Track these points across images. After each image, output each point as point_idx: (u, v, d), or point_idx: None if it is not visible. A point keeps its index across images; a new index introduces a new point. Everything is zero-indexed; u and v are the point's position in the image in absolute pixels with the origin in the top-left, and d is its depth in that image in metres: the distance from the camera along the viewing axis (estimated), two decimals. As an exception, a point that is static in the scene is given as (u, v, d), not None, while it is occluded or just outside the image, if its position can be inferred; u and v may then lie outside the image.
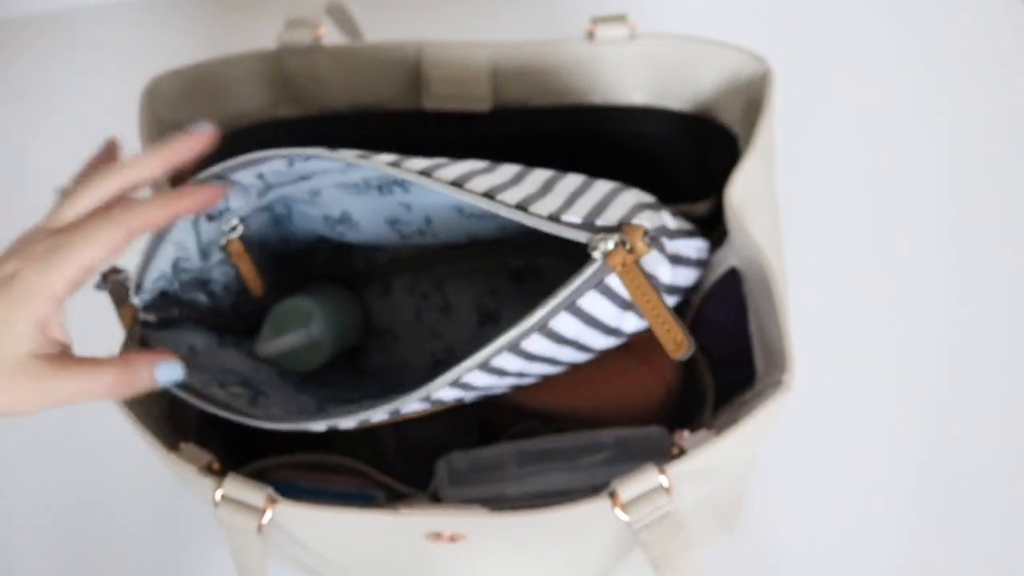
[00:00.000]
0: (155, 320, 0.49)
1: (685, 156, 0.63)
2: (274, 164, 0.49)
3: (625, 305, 0.47)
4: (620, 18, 0.57)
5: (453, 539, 0.49)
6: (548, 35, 0.59)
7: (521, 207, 0.46)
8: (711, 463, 0.47)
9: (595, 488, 0.47)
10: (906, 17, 0.90)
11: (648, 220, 0.46)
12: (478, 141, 0.63)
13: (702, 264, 0.55)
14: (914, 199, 0.81)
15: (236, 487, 0.47)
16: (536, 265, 0.64)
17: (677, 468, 0.46)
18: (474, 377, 0.47)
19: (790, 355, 0.47)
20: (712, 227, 0.59)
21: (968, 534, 0.68)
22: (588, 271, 0.45)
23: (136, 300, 0.49)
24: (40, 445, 0.78)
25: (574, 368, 0.59)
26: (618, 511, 0.45)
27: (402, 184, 0.52)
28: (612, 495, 0.45)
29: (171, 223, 0.47)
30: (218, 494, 0.47)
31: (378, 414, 0.47)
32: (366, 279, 0.65)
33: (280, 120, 0.63)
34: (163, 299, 0.50)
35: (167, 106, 0.59)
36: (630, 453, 0.52)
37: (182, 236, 0.51)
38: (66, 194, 0.46)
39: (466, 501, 0.52)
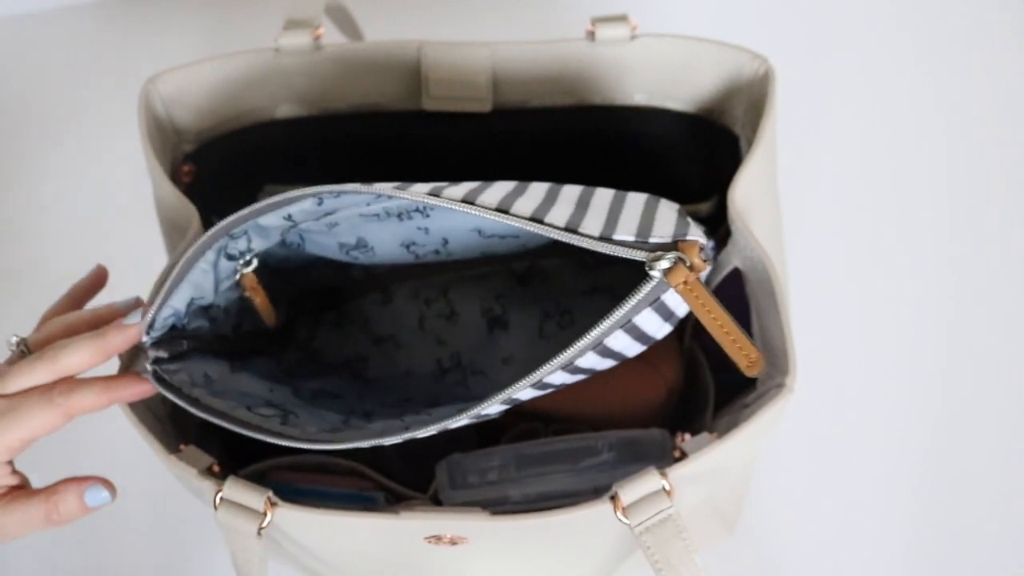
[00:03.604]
0: (167, 356, 0.49)
1: (686, 156, 0.62)
2: (303, 204, 0.48)
3: (668, 316, 0.47)
4: (621, 18, 0.57)
5: (453, 542, 0.49)
6: (548, 35, 0.59)
7: (571, 229, 0.45)
8: (712, 466, 0.47)
9: (596, 491, 0.47)
10: (907, 17, 0.90)
11: (698, 235, 0.46)
12: (478, 141, 0.63)
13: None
14: (916, 200, 0.81)
15: (236, 490, 0.47)
16: (540, 267, 0.64)
17: (678, 471, 0.46)
18: (523, 394, 0.47)
19: (792, 357, 0.47)
20: (714, 228, 0.59)
21: (968, 534, 0.68)
22: (646, 289, 0.44)
23: (146, 338, 0.48)
24: (39, 445, 0.77)
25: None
26: (619, 514, 0.45)
27: (423, 210, 0.51)
28: (613, 498, 0.45)
29: (107, 407, 0.49)
30: (218, 497, 0.47)
31: (459, 420, 0.47)
32: (364, 288, 0.64)
33: (279, 120, 0.63)
34: (171, 333, 0.50)
35: (165, 105, 0.59)
36: (631, 456, 0.52)
37: (201, 278, 0.50)
38: (18, 348, 0.50)
39: (467, 504, 0.52)
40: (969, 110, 0.85)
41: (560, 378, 0.47)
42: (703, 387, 0.61)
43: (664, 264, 0.43)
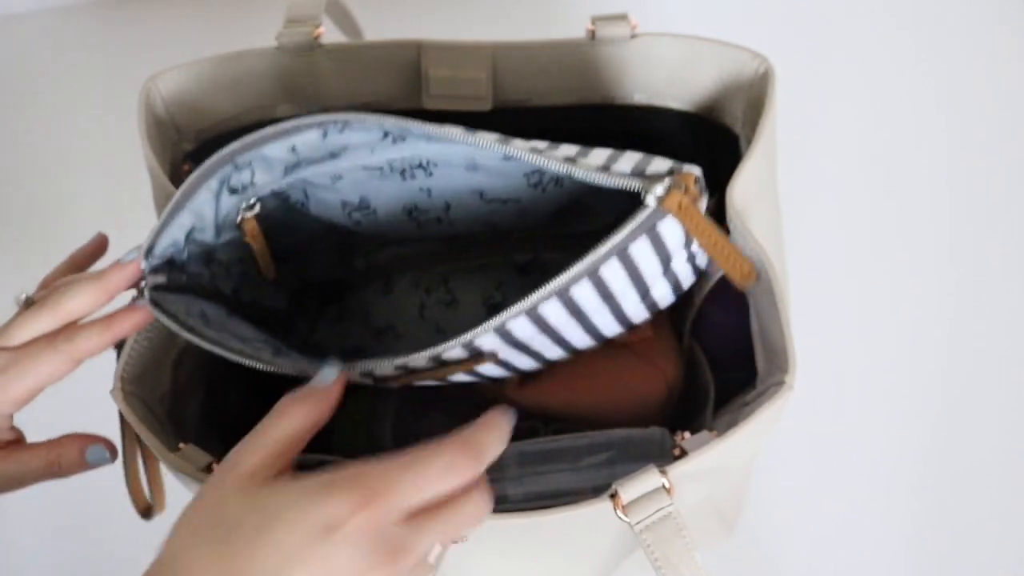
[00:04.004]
0: (165, 283, 0.49)
1: (686, 156, 0.62)
2: (308, 135, 0.48)
3: (666, 262, 0.47)
4: (621, 17, 0.57)
5: (453, 540, 0.49)
6: (548, 35, 0.59)
7: (570, 160, 0.46)
8: (712, 464, 0.47)
9: (596, 489, 0.47)
10: (907, 17, 0.90)
11: (693, 168, 0.47)
12: (478, 140, 0.63)
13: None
14: (916, 199, 0.81)
15: (236, 488, 0.47)
16: (541, 260, 0.64)
17: (678, 469, 0.46)
18: (518, 325, 0.47)
19: (791, 355, 0.47)
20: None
21: (967, 534, 0.68)
22: (641, 216, 0.45)
23: (144, 264, 0.48)
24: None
25: (575, 365, 0.59)
26: (619, 512, 0.45)
27: (425, 167, 0.51)
28: (613, 496, 0.45)
29: (112, 344, 0.49)
30: (217, 495, 0.47)
31: (418, 360, 0.48)
32: (366, 278, 0.64)
33: (279, 119, 0.63)
34: (170, 266, 0.50)
35: (166, 104, 0.59)
36: (631, 454, 0.52)
37: (202, 205, 0.50)
38: (25, 304, 0.49)
39: (466, 502, 0.52)
40: (969, 109, 0.85)
41: (558, 316, 0.48)
42: (703, 386, 0.61)
43: (659, 190, 0.44)
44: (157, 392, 0.53)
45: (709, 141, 0.60)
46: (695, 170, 0.46)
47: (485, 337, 0.48)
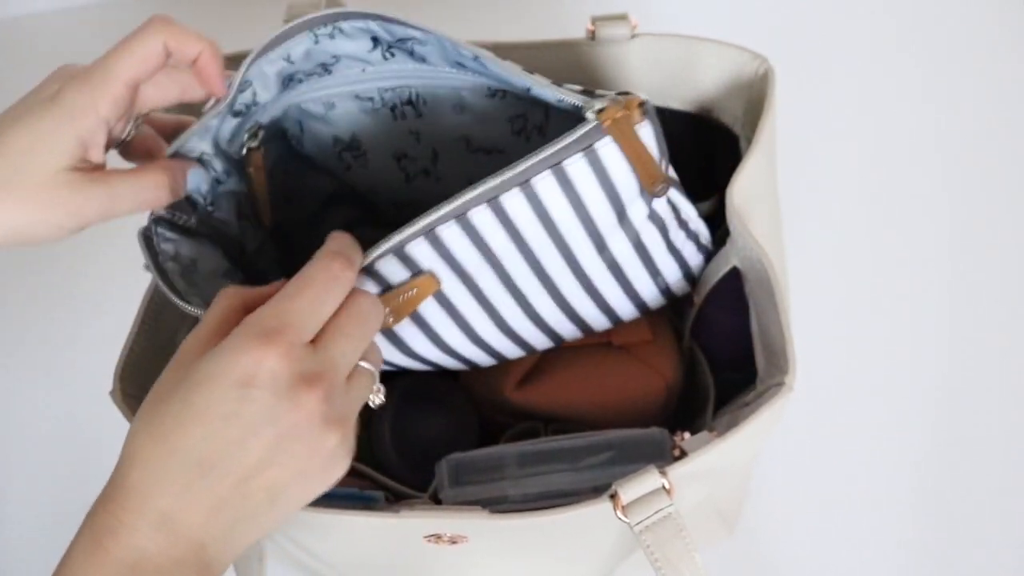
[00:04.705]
0: (169, 217, 0.50)
1: (686, 156, 0.62)
2: (300, 42, 0.49)
3: (618, 206, 0.47)
4: (621, 17, 0.57)
5: (453, 541, 0.49)
6: (548, 35, 0.59)
7: (528, 72, 0.46)
8: (712, 464, 0.47)
9: (596, 490, 0.47)
10: (907, 17, 0.90)
11: (643, 96, 0.47)
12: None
13: (706, 251, 0.55)
14: (916, 199, 0.81)
15: (235, 489, 0.47)
16: None
17: (678, 470, 0.46)
18: (451, 235, 0.46)
19: (791, 356, 0.47)
20: (714, 228, 0.59)
21: (968, 534, 0.68)
22: (579, 131, 0.45)
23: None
24: (39, 445, 0.77)
25: (575, 366, 0.59)
26: (619, 513, 0.45)
27: (415, 103, 0.52)
28: (613, 497, 0.45)
29: (194, 61, 0.48)
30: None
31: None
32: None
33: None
34: (186, 203, 0.51)
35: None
36: (631, 454, 0.52)
37: (209, 124, 0.50)
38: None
39: (466, 503, 0.52)
40: (969, 110, 0.85)
41: (494, 233, 0.47)
42: (703, 386, 0.61)
43: (598, 105, 0.44)
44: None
45: (709, 141, 0.60)
46: (641, 95, 0.46)
47: (417, 244, 0.47)
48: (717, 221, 0.59)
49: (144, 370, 0.53)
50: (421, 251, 0.47)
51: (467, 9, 0.93)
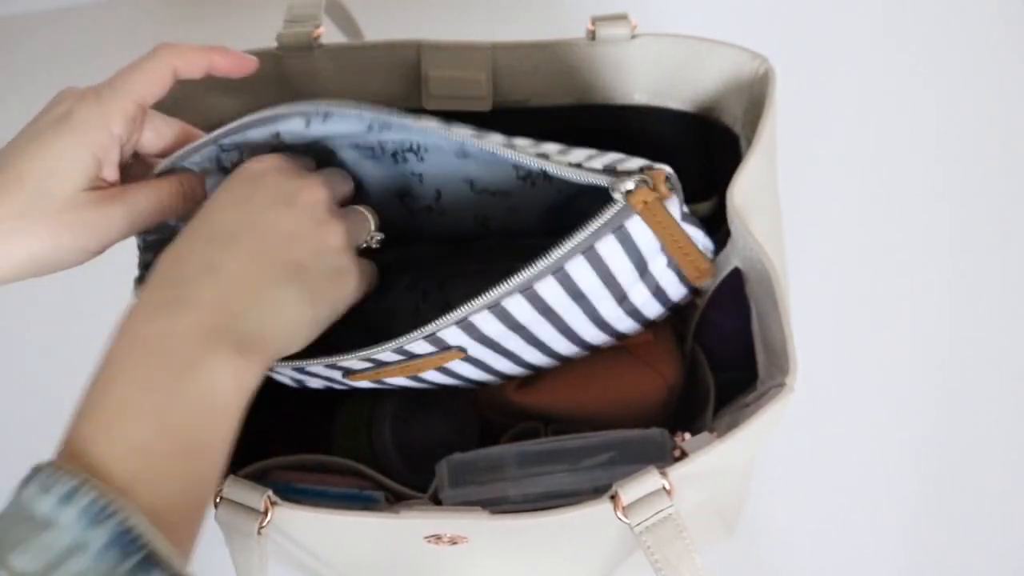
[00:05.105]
0: (155, 239, 0.50)
1: (686, 156, 0.62)
2: (291, 123, 0.49)
3: (641, 266, 0.47)
4: (621, 17, 0.57)
5: (453, 541, 0.49)
6: (548, 35, 0.59)
7: (543, 156, 0.46)
8: (713, 465, 0.47)
9: (596, 490, 0.47)
10: (907, 17, 0.90)
11: (666, 167, 0.46)
12: (478, 140, 0.63)
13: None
14: (917, 199, 0.81)
15: (236, 489, 0.47)
16: None
17: (679, 471, 0.46)
18: (483, 320, 0.47)
19: (792, 357, 0.47)
20: (715, 229, 0.59)
21: (967, 534, 0.68)
22: (608, 213, 0.44)
23: (138, 240, 0.50)
24: (39, 445, 0.77)
25: (575, 366, 0.59)
26: (619, 514, 0.45)
27: (416, 151, 0.52)
28: (613, 497, 0.45)
29: (207, 71, 0.49)
30: (218, 496, 0.47)
31: (385, 352, 0.48)
32: None
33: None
34: (161, 234, 0.51)
35: (162, 103, 0.59)
36: (631, 455, 0.52)
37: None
38: None
39: (466, 503, 0.52)
40: (969, 110, 0.85)
41: (524, 312, 0.47)
42: (703, 387, 0.61)
43: (628, 185, 0.44)
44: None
45: (709, 141, 0.60)
46: (666, 168, 0.46)
47: (449, 331, 0.47)
48: (717, 222, 0.59)
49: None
50: (451, 334, 0.48)
51: (467, 9, 0.93)
